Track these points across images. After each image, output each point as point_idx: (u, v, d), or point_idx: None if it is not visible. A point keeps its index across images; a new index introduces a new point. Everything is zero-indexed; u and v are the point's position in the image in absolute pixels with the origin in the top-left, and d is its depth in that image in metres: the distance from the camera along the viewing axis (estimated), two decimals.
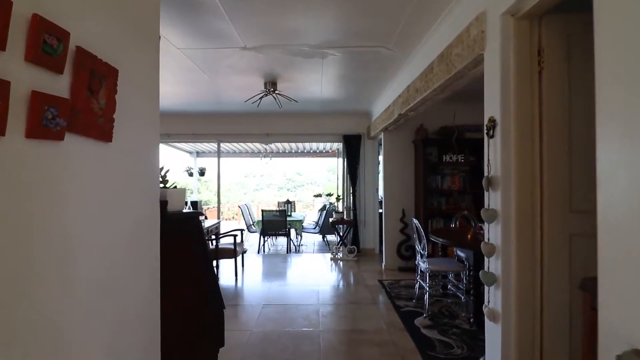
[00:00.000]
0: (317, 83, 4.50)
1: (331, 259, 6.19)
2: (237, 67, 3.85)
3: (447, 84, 2.78)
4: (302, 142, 7.59)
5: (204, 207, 12.12)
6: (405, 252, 5.46)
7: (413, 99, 3.56)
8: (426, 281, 3.72)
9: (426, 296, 3.69)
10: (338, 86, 4.70)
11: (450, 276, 4.11)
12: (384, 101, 5.02)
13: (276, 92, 4.41)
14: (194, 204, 5.16)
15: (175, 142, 7.01)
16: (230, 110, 6.19)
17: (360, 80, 4.43)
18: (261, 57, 3.49)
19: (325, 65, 3.81)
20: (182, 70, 3.94)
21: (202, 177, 10.90)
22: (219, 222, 5.23)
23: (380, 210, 6.66)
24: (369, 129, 6.43)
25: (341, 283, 4.92)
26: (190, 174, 10.65)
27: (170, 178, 2.10)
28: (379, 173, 6.83)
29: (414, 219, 3.96)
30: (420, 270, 3.93)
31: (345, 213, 6.41)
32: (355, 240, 6.53)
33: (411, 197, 5.55)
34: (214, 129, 6.72)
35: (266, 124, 6.72)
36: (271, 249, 7.92)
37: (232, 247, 5.19)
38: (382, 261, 5.69)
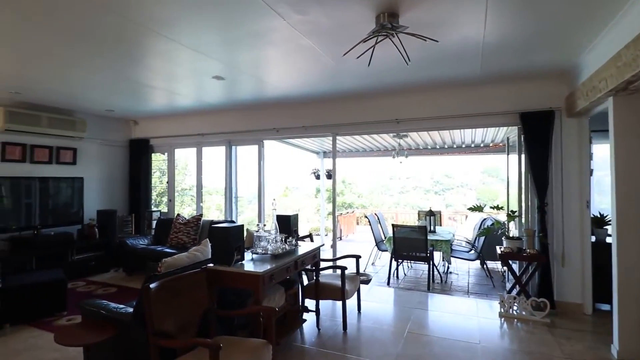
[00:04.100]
0: (475, 4, 2.36)
1: (500, 316, 3.79)
2: None
3: None
4: (448, 128, 5.09)
5: (347, 211, 10.78)
6: None
7: None
8: None
9: None
10: (517, 10, 2.42)
11: None
12: (624, 29, 2.43)
13: (398, 29, 2.46)
14: None
15: (285, 137, 5.80)
16: (345, 90, 4.52)
17: None
18: None
19: None
20: (234, 13, 2.46)
21: (333, 179, 9.83)
22: (318, 248, 3.59)
23: (594, 239, 3.86)
24: (573, 98, 3.73)
25: None
26: (317, 177, 9.71)
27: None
28: (591, 174, 4.00)
29: None
30: None
31: (525, 241, 3.88)
32: (546, 288, 3.89)
33: None
34: (328, 119, 5.19)
35: (394, 107, 4.79)
36: (407, 273, 5.90)
37: (340, 284, 3.51)
38: (611, 335, 3.00)
